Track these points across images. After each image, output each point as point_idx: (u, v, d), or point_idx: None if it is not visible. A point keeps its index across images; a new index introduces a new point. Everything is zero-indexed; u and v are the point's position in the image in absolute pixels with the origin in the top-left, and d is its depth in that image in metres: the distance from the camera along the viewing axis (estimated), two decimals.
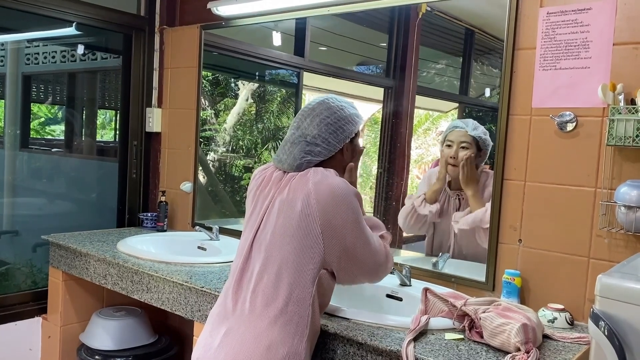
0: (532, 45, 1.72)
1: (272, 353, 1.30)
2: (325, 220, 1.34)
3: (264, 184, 1.48)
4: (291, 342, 1.32)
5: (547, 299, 1.67)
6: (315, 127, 1.44)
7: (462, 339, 1.44)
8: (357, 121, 1.50)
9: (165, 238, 2.61)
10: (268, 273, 1.36)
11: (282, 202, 1.39)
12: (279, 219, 1.38)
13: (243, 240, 1.47)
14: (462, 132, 1.98)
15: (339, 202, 1.35)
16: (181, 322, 2.69)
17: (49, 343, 2.55)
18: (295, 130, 1.47)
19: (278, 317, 1.33)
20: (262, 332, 1.32)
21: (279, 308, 1.33)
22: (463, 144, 1.97)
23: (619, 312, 1.09)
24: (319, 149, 1.43)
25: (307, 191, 1.36)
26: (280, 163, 1.46)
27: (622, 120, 1.50)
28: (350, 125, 1.47)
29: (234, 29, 2.65)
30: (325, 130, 1.44)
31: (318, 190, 1.35)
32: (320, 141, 1.43)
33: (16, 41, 3.21)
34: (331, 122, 1.45)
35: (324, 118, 1.45)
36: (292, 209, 1.36)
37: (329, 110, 1.46)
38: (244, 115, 2.93)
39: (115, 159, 3.04)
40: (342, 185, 1.37)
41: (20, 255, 2.97)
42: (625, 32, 1.55)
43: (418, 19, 2.21)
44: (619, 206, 1.51)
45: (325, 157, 1.45)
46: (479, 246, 1.88)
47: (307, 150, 1.43)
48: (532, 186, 1.72)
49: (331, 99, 1.49)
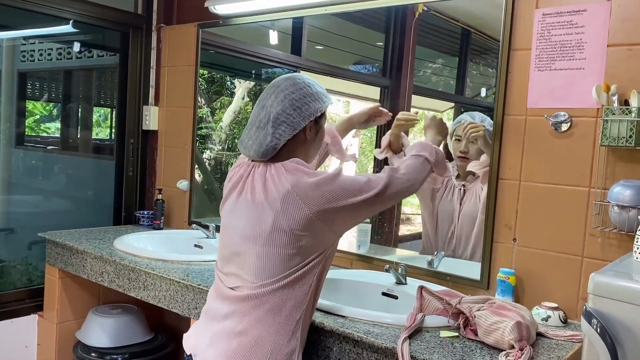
0: (527, 46, 1.73)
1: (259, 350, 1.31)
2: (321, 212, 1.32)
3: (234, 184, 1.45)
4: (282, 338, 1.33)
5: (541, 297, 1.68)
6: (279, 103, 1.40)
7: (457, 337, 1.45)
8: (323, 100, 1.45)
9: (161, 236, 2.61)
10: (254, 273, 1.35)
11: (259, 202, 1.35)
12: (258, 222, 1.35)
13: (222, 242, 1.47)
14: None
15: (328, 191, 1.32)
16: (177, 320, 2.70)
17: (45, 340, 2.55)
18: (261, 110, 1.42)
19: (267, 315, 1.33)
20: (250, 329, 1.33)
21: (268, 306, 1.33)
22: (472, 137, 1.97)
23: (611, 310, 1.11)
24: (283, 127, 1.38)
25: (287, 189, 1.32)
26: (245, 149, 1.42)
27: (616, 121, 1.51)
28: (315, 103, 1.42)
29: (231, 28, 2.65)
30: (290, 105, 1.39)
31: (299, 188, 1.31)
32: (284, 118, 1.39)
33: (12, 38, 3.20)
34: (296, 97, 1.40)
35: (288, 94, 1.41)
36: (270, 212, 1.33)
37: (295, 86, 1.42)
38: (240, 114, 2.93)
39: (111, 156, 3.04)
40: (323, 176, 1.34)
41: (15, 253, 2.96)
42: (619, 33, 1.57)
43: (415, 19, 2.22)
44: (612, 206, 1.52)
45: (289, 137, 1.39)
46: (479, 238, 1.88)
47: (272, 134, 1.38)
48: (526, 186, 1.74)
49: (298, 77, 1.46)
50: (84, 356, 2.37)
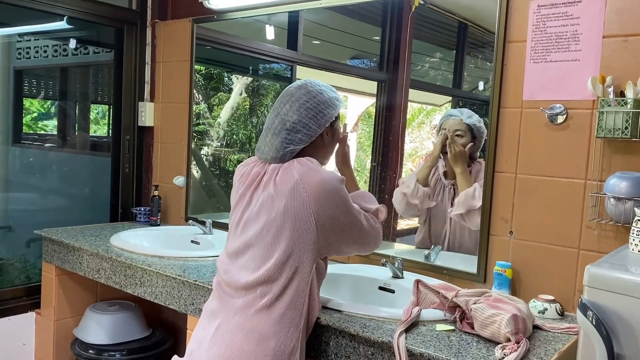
0: (522, 38, 1.72)
1: (263, 346, 1.31)
2: (318, 211, 1.35)
3: (242, 180, 1.47)
4: (285, 334, 1.33)
5: (538, 290, 1.68)
6: (295, 112, 1.43)
7: (453, 330, 1.45)
8: (336, 104, 1.49)
9: (158, 232, 2.61)
10: (259, 268, 1.36)
11: (268, 197, 1.39)
12: (267, 214, 1.38)
13: (231, 239, 1.48)
14: (457, 121, 1.99)
15: (331, 193, 1.36)
16: (175, 316, 2.70)
17: (42, 338, 2.55)
18: (275, 117, 1.45)
19: (270, 310, 1.34)
20: (253, 325, 1.33)
21: (272, 301, 1.34)
22: (458, 132, 1.98)
23: (606, 302, 1.10)
24: (300, 135, 1.42)
25: (295, 183, 1.35)
26: (262, 154, 1.46)
27: (612, 113, 1.51)
28: (330, 109, 1.47)
29: (227, 23, 2.64)
30: (306, 115, 1.43)
31: (306, 181, 1.35)
32: (301, 127, 1.43)
33: (7, 35, 3.19)
34: (311, 106, 1.44)
35: (303, 103, 1.44)
36: (280, 203, 1.36)
37: (309, 94, 1.45)
38: (237, 110, 2.92)
39: (108, 153, 3.03)
40: (330, 175, 1.39)
41: (13, 250, 2.96)
42: (614, 24, 1.56)
43: (411, 12, 2.21)
44: (609, 198, 1.52)
45: (306, 144, 1.44)
46: (472, 235, 1.88)
47: (288, 140, 1.42)
48: (522, 178, 1.73)
49: (310, 84, 1.48)
50: (82, 353, 2.37)
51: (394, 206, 2.15)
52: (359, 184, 1.67)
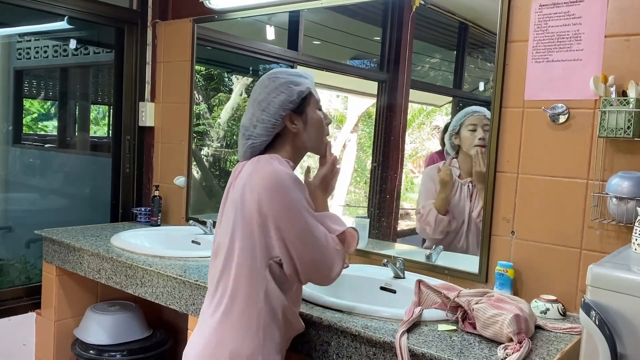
0: (524, 38, 1.72)
1: (220, 350, 1.32)
2: (259, 209, 1.28)
3: (228, 184, 1.47)
4: (241, 340, 1.31)
5: (540, 290, 1.68)
6: (251, 106, 1.40)
7: (455, 330, 1.45)
8: (291, 88, 1.37)
9: (159, 232, 2.60)
10: (222, 270, 1.36)
11: (232, 198, 1.38)
12: (227, 215, 1.38)
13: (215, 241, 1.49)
14: (482, 116, 1.97)
15: (271, 188, 1.28)
16: (175, 316, 2.69)
17: (43, 338, 2.54)
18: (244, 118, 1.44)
19: (227, 314, 1.33)
20: (214, 329, 1.34)
21: (227, 305, 1.33)
22: (486, 126, 1.95)
23: (609, 302, 1.10)
24: (257, 130, 1.38)
25: (245, 180, 1.33)
26: (239, 156, 1.46)
27: (614, 112, 1.50)
28: (281, 95, 1.36)
29: (227, 23, 2.64)
30: (257, 108, 1.38)
31: (254, 176, 1.32)
32: (255, 120, 1.38)
33: (7, 35, 3.19)
34: (261, 98, 1.38)
35: (255, 97, 1.40)
36: (237, 202, 1.34)
37: (260, 86, 1.40)
38: (238, 110, 2.92)
39: (108, 154, 3.03)
40: (280, 169, 1.30)
41: (13, 251, 2.96)
42: (616, 23, 1.56)
43: (412, 13, 2.21)
44: (611, 197, 1.52)
45: (269, 137, 1.38)
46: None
47: (247, 136, 1.39)
48: (524, 178, 1.73)
49: (267, 74, 1.42)
50: (82, 354, 2.36)
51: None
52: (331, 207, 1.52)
